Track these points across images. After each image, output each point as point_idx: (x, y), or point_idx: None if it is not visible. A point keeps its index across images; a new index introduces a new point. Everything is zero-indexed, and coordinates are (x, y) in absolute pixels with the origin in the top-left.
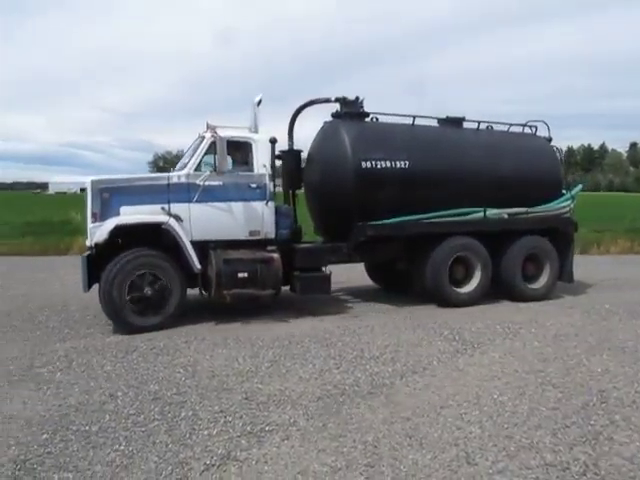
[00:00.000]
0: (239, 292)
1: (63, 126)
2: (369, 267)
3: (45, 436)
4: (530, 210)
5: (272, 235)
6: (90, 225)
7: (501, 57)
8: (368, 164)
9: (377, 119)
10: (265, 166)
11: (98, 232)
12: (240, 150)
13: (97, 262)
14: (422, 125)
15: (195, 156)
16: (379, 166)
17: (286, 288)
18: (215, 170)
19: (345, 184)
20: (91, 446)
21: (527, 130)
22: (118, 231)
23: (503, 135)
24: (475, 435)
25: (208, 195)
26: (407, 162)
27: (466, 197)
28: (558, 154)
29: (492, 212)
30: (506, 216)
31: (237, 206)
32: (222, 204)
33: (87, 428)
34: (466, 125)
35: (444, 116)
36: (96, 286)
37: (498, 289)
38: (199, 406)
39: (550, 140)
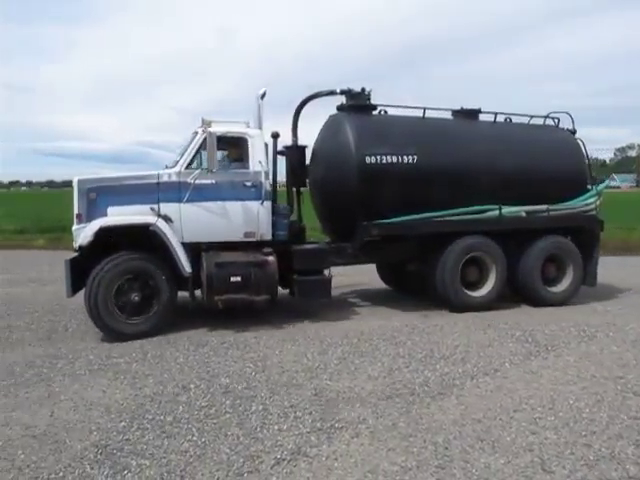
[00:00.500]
0: (231, 297)
1: (135, 126)
2: (380, 268)
3: (123, 424)
4: (551, 208)
5: (269, 236)
6: (74, 227)
7: (570, 50)
8: (373, 159)
9: (386, 112)
10: (261, 163)
11: (82, 234)
12: (236, 146)
13: (83, 266)
14: (433, 118)
15: (187, 153)
16: (384, 161)
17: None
18: (205, 168)
19: (348, 181)
20: (166, 435)
21: (550, 123)
22: (103, 233)
23: (522, 128)
24: (551, 441)
25: (200, 194)
26: (415, 157)
27: (481, 194)
28: (583, 147)
29: (509, 210)
30: (524, 214)
31: (231, 206)
32: (215, 204)
33: (162, 418)
34: (483, 117)
35: (464, 108)
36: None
37: (516, 292)
38: (269, 401)
39: (574, 133)
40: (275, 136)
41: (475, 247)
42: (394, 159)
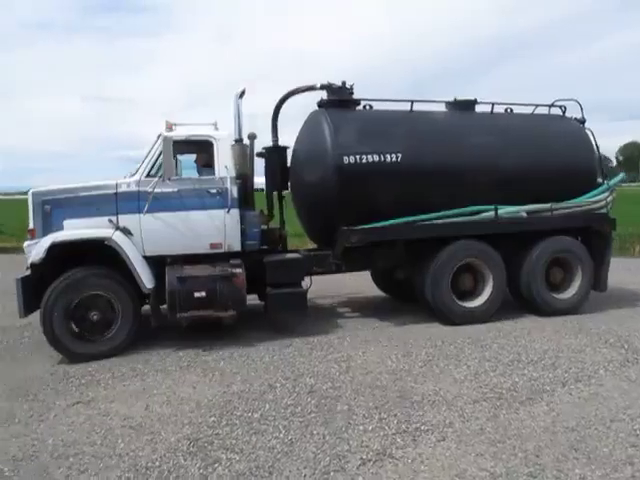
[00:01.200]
0: (195, 315)
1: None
2: (374, 273)
3: (213, 419)
4: (555, 206)
5: (237, 247)
6: (26, 243)
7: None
8: (351, 159)
9: (371, 107)
10: (227, 168)
11: (34, 251)
12: (203, 151)
13: (38, 284)
14: (423, 111)
15: (147, 160)
16: (365, 161)
17: None
18: (161, 176)
19: (326, 183)
20: (254, 432)
21: (556, 112)
22: (56, 249)
23: (524, 118)
24: None
25: (161, 204)
26: (399, 155)
27: (476, 194)
28: (592, 138)
29: (506, 210)
30: (524, 214)
31: (194, 215)
32: (177, 214)
33: (249, 415)
34: (482, 109)
35: (457, 99)
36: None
37: (519, 300)
38: (354, 401)
39: (583, 122)
40: (252, 137)
41: (467, 253)
42: (376, 158)
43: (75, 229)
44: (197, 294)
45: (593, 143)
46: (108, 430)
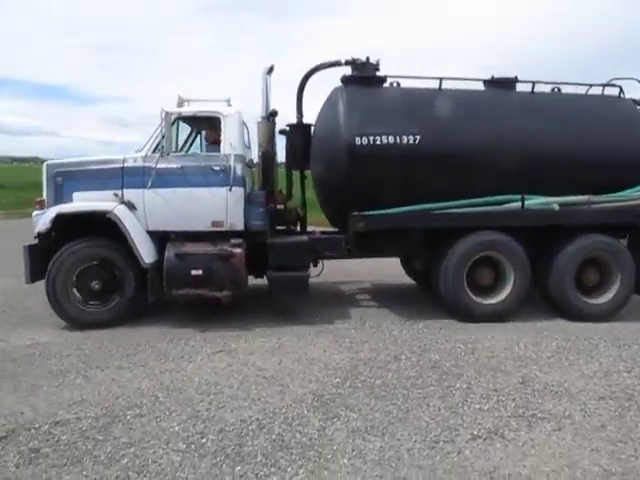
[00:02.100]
0: (191, 292)
1: None
2: (403, 261)
3: (337, 380)
4: (594, 199)
5: (239, 226)
6: (34, 213)
7: None
8: (364, 140)
9: (398, 84)
10: (232, 145)
11: (41, 221)
12: (212, 128)
13: (46, 253)
14: (452, 90)
15: (153, 136)
16: (379, 142)
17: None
18: (162, 152)
19: (338, 164)
20: (374, 396)
21: (611, 91)
22: (61, 220)
23: (568, 99)
24: None
25: (165, 180)
26: (417, 137)
27: (504, 182)
28: None
29: (536, 201)
30: (557, 207)
31: (197, 192)
32: (180, 190)
33: (372, 381)
34: (524, 88)
35: (495, 77)
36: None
37: (547, 302)
38: (474, 381)
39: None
40: (273, 114)
41: (487, 245)
42: (391, 140)
43: (83, 201)
44: (194, 272)
45: None
46: (245, 377)
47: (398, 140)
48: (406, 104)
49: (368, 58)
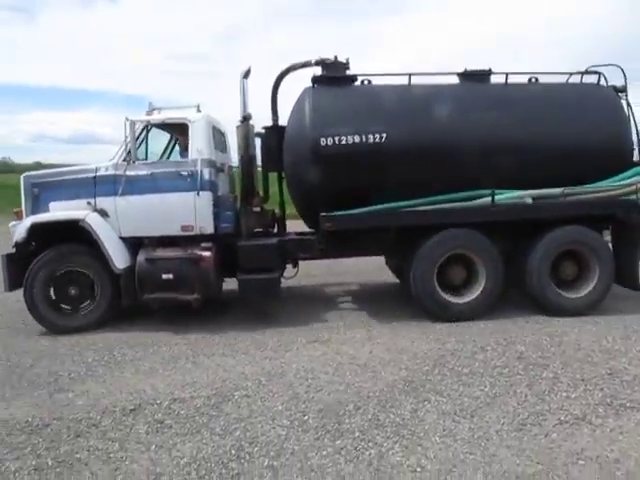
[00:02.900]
0: (161, 296)
1: None
2: (387, 260)
3: (426, 368)
4: (568, 191)
5: (209, 230)
6: (11, 223)
7: None
8: (329, 140)
9: (369, 82)
10: (199, 150)
11: (17, 231)
12: (182, 134)
13: (24, 262)
14: (421, 85)
15: (123, 144)
16: (344, 142)
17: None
18: (129, 159)
19: (305, 165)
20: (461, 383)
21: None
22: (36, 230)
23: (543, 89)
24: None
25: (134, 187)
26: (383, 135)
27: (476, 177)
28: (628, 110)
29: (508, 196)
30: (530, 200)
31: (165, 198)
32: (149, 196)
33: (459, 369)
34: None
35: (467, 70)
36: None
37: (527, 298)
38: (561, 371)
39: (622, 91)
40: (246, 118)
41: (454, 244)
42: (356, 139)
43: (58, 211)
44: (165, 276)
45: (627, 115)
46: (339, 364)
47: (364, 139)
48: (372, 102)
49: (336, 57)
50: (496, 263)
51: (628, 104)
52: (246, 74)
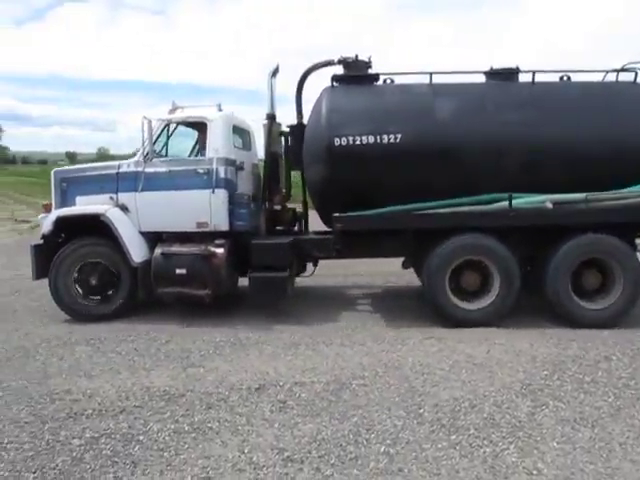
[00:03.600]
0: (174, 291)
1: None
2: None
3: (545, 372)
4: (592, 197)
5: (224, 227)
6: (40, 216)
7: None
8: (343, 141)
9: (392, 80)
10: (216, 149)
11: (45, 224)
12: (201, 132)
13: (52, 252)
14: (443, 84)
15: (146, 142)
16: (358, 142)
17: None
18: (147, 156)
19: (320, 165)
20: (582, 391)
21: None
22: (61, 223)
23: (574, 87)
24: None
25: (154, 183)
26: (399, 135)
27: (496, 179)
28: None
29: (526, 200)
30: (550, 205)
31: (182, 195)
32: (167, 193)
33: (581, 377)
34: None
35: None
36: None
37: (548, 308)
38: None
39: None
40: (271, 117)
41: (469, 249)
42: (371, 139)
43: (84, 205)
44: (178, 271)
45: None
46: (455, 362)
47: (378, 139)
48: (389, 102)
49: (357, 56)
50: (511, 269)
51: None
52: (274, 72)
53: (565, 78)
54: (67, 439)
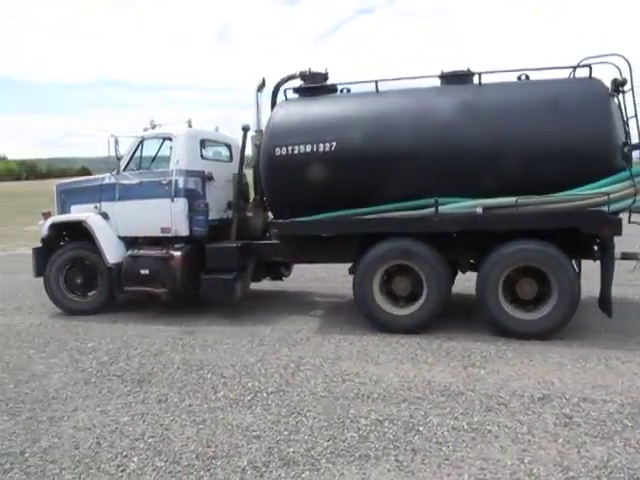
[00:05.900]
0: (139, 289)
1: None
2: None
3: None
4: (522, 201)
5: (184, 232)
6: (39, 222)
7: None
8: (283, 151)
9: (348, 90)
10: (178, 162)
11: (43, 229)
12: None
13: (50, 254)
14: (388, 91)
15: (125, 156)
16: (296, 152)
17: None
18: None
19: (265, 173)
20: None
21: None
22: (55, 228)
23: (515, 87)
24: None
25: (127, 193)
26: (334, 144)
27: (426, 184)
28: (616, 107)
29: (453, 205)
30: (480, 211)
31: (149, 203)
32: (137, 202)
33: None
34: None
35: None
36: None
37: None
38: None
39: (622, 84)
40: (245, 129)
41: (394, 254)
42: (308, 148)
43: (76, 213)
44: (142, 271)
45: (614, 113)
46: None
47: (315, 148)
48: (329, 112)
49: (309, 69)
50: (437, 275)
51: (620, 100)
52: (260, 87)
53: (523, 77)
54: (355, 417)
